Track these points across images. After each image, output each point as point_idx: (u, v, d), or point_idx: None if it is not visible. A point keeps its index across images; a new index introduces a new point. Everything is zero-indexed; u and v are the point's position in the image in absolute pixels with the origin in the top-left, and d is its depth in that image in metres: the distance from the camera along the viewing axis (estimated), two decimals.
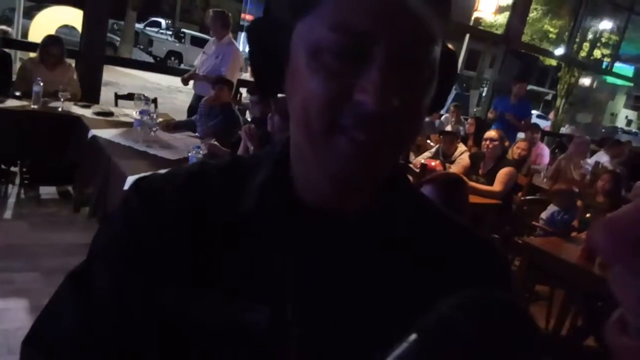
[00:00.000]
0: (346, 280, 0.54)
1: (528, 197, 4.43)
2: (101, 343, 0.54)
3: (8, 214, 3.83)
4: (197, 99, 5.00)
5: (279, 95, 0.56)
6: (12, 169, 4.22)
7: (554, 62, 15.54)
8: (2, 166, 4.11)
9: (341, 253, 0.55)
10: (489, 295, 0.36)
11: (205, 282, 0.54)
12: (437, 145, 5.05)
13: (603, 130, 16.11)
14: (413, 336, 0.34)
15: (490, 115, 6.68)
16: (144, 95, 4.59)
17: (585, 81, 16.65)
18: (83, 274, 0.57)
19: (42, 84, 3.95)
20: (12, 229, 3.64)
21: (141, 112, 3.89)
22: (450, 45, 0.55)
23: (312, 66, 0.48)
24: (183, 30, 19.55)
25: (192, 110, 4.97)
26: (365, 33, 0.46)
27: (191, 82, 5.10)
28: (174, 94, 11.28)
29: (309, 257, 0.54)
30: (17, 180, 4.24)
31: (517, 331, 0.35)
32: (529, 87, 6.84)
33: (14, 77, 4.52)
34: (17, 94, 4.16)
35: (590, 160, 6.14)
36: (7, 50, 4.44)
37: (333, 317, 0.53)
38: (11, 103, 3.94)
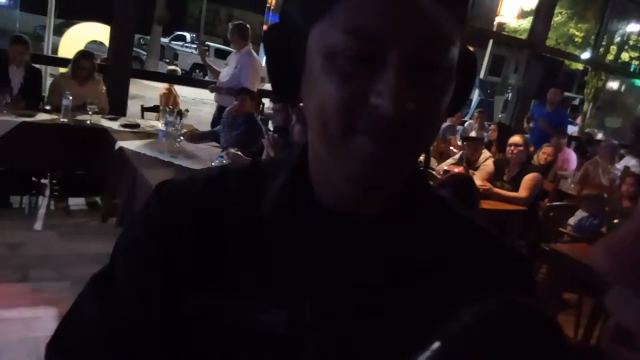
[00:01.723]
0: (364, 283, 0.54)
1: (555, 203, 4.35)
2: (123, 343, 0.55)
3: (38, 225, 3.94)
4: (219, 109, 5.08)
5: (301, 104, 0.56)
6: (42, 181, 4.34)
7: (580, 66, 15.27)
8: (33, 178, 4.23)
9: (360, 256, 0.54)
10: (514, 302, 0.35)
11: (224, 284, 0.55)
12: (461, 152, 5.01)
13: (633, 135, 15.70)
14: (436, 344, 0.34)
15: (526, 124, 6.61)
16: (169, 107, 4.67)
17: (613, 85, 16.31)
18: (106, 276, 0.58)
19: (71, 97, 4.07)
20: (42, 239, 3.74)
21: (166, 123, 3.97)
22: (468, 46, 0.54)
23: (327, 70, 0.48)
24: (207, 43, 19.83)
25: (215, 121, 5.06)
26: (378, 37, 0.45)
27: (213, 94, 5.21)
28: (199, 106, 11.43)
29: (327, 259, 0.55)
30: (47, 192, 4.35)
31: (544, 340, 0.34)
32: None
33: (44, 92, 4.67)
34: (47, 108, 4.29)
35: (619, 165, 6.00)
36: (37, 65, 4.58)
37: (351, 321, 0.53)
38: (41, 117, 4.06)
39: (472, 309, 0.35)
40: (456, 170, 4.45)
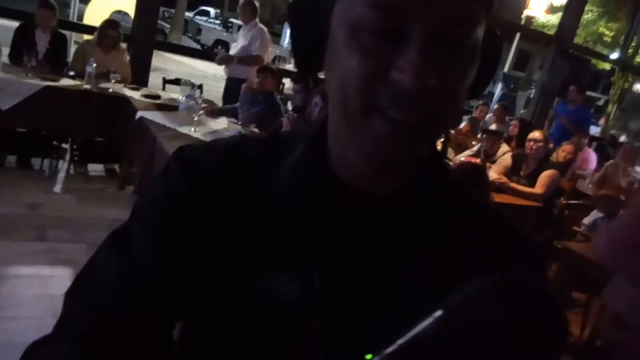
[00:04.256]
0: (375, 257, 0.55)
1: (570, 202, 4.32)
2: (139, 297, 0.57)
3: (58, 188, 4.02)
4: (230, 83, 5.15)
5: (322, 86, 0.56)
6: (63, 145, 4.41)
7: (607, 67, 14.99)
8: (54, 142, 4.30)
9: (372, 231, 0.55)
10: (517, 279, 0.36)
11: (238, 250, 0.56)
12: (479, 144, 4.98)
13: None
14: (438, 312, 0.35)
15: (548, 123, 6.57)
16: (190, 81, 4.70)
17: None
18: (124, 233, 0.60)
19: (95, 65, 4.10)
20: (60, 201, 3.82)
21: (187, 97, 4.01)
22: (494, 28, 0.53)
23: (350, 44, 0.47)
24: (231, 19, 19.77)
25: (228, 93, 5.11)
26: (404, 11, 0.45)
27: (223, 66, 5.29)
28: (219, 82, 11.44)
29: (340, 232, 0.55)
30: (67, 156, 4.42)
31: (544, 318, 0.35)
32: None
33: (69, 58, 4.71)
34: (71, 73, 4.33)
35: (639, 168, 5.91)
36: (63, 31, 4.61)
37: (360, 293, 0.54)
38: (65, 82, 4.11)
39: (475, 281, 0.36)
40: (473, 161, 4.42)
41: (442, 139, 4.79)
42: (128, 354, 0.55)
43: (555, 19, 11.78)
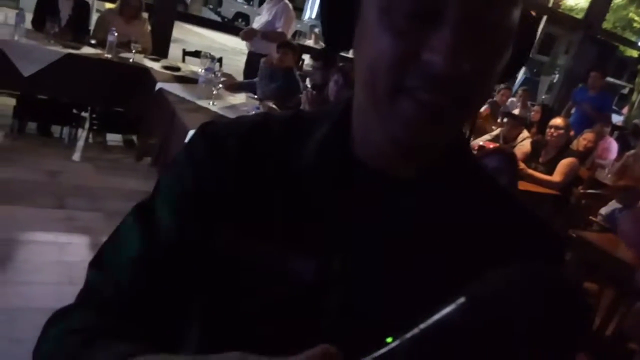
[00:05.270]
0: (395, 241, 0.54)
1: (588, 191, 4.26)
2: (159, 271, 0.57)
3: (76, 156, 4.07)
4: (253, 56, 5.11)
5: (341, 64, 0.54)
6: (83, 114, 4.44)
7: (635, 54, 14.60)
8: (74, 110, 4.34)
9: (393, 214, 0.55)
10: (537, 269, 0.36)
11: (259, 228, 0.56)
12: (499, 129, 4.92)
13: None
14: (461, 299, 0.35)
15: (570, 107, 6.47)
16: (210, 54, 4.69)
17: None
18: (147, 207, 0.60)
19: (116, 34, 4.11)
20: (79, 170, 3.87)
21: (207, 70, 4.00)
22: (531, 11, 0.52)
23: (382, 24, 0.46)
24: None
25: (249, 68, 5.08)
26: None
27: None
28: (239, 56, 11.39)
29: (361, 214, 0.55)
30: (87, 125, 4.46)
31: (567, 309, 0.35)
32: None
33: (91, 26, 4.72)
34: (93, 42, 4.34)
35: None
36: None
37: (378, 277, 0.54)
38: (86, 50, 4.12)
39: (499, 271, 0.36)
40: (491, 146, 4.38)
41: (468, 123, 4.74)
42: (147, 326, 0.56)
43: (584, 2, 11.46)
